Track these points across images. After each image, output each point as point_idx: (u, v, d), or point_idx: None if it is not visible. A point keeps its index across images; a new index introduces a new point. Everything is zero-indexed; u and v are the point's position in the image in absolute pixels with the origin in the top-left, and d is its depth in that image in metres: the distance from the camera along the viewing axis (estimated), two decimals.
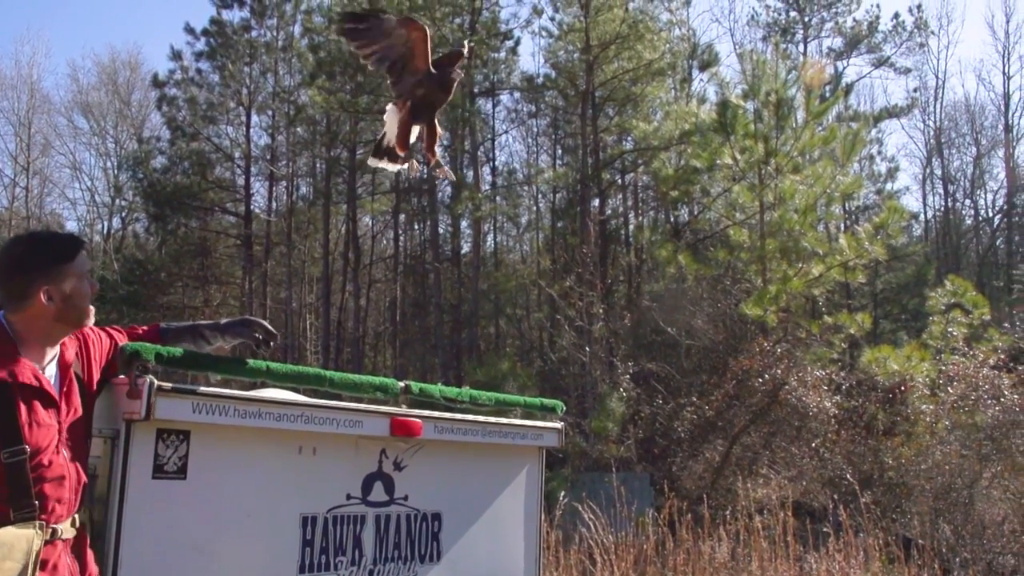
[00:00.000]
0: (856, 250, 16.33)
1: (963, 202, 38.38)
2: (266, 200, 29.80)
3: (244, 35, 27.54)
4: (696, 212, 21.70)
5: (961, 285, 17.37)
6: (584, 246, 18.23)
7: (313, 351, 29.33)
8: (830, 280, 16.94)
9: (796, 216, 16.02)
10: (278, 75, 28.10)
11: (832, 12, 33.71)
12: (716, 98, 17.99)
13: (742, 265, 17.02)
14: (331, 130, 26.38)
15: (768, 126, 16.28)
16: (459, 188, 22.04)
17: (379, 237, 32.50)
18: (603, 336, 16.96)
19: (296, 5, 27.62)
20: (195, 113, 27.61)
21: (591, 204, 22.08)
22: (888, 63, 34.14)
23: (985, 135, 37.03)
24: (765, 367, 14.11)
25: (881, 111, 32.55)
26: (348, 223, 27.87)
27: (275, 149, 28.85)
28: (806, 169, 16.77)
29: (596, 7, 20.55)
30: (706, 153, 16.70)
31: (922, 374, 14.58)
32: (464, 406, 3.83)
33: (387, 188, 29.57)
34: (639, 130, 20.73)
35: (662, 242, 18.28)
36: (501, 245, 31.12)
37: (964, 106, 37.07)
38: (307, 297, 30.19)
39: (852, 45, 33.05)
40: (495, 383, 15.55)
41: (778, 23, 33.46)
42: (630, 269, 23.92)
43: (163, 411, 2.69)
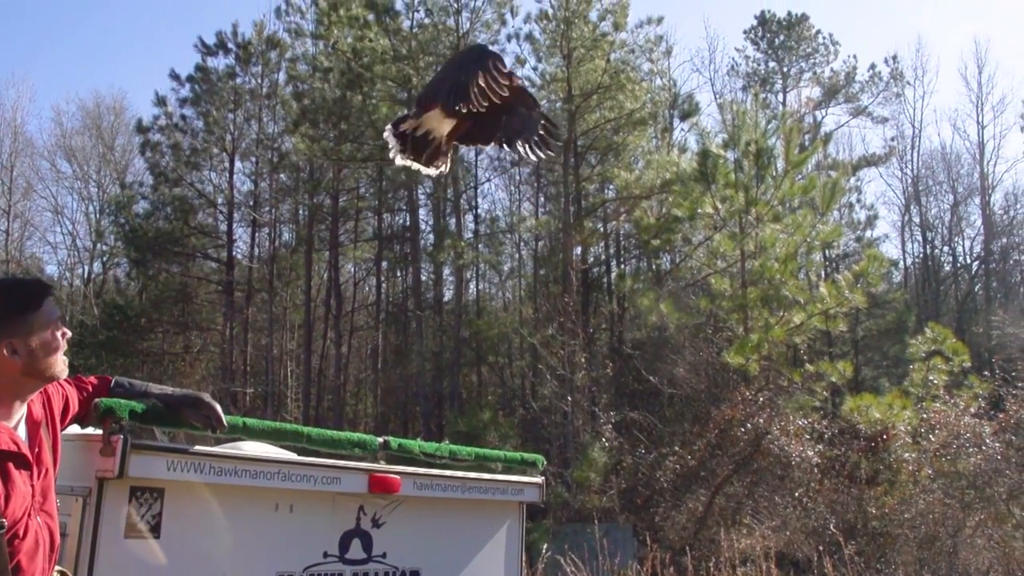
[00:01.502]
0: (837, 298, 16.42)
1: (941, 249, 38.75)
2: (248, 246, 29.76)
3: (229, 82, 27.66)
4: (678, 260, 21.82)
5: (941, 332, 17.50)
6: (566, 295, 18.25)
7: (294, 398, 29.08)
8: (811, 328, 17.01)
9: (777, 265, 16.13)
10: (262, 122, 28.21)
11: (810, 63, 34.38)
12: (697, 147, 18.20)
13: (723, 313, 17.07)
14: (314, 177, 26.45)
15: (748, 175, 16.44)
16: (441, 236, 22.08)
17: (361, 284, 32.46)
18: (585, 385, 16.92)
19: (281, 53, 27.80)
20: (178, 159, 27.59)
21: (573, 252, 22.14)
22: (866, 112, 34.75)
23: (961, 183, 37.54)
24: (747, 416, 14.10)
25: (859, 159, 32.99)
26: (330, 270, 27.82)
27: (258, 195, 28.84)
28: (786, 218, 16.92)
29: (578, 58, 20.81)
30: (687, 202, 16.83)
31: (904, 422, 14.61)
32: (444, 461, 3.79)
33: (369, 235, 29.57)
34: (621, 179, 20.89)
35: (644, 291, 18.32)
36: (483, 292, 31.16)
37: (940, 154, 37.63)
38: (288, 344, 29.99)
39: (830, 95, 33.60)
40: (476, 433, 15.46)
41: (757, 73, 34.04)
42: (612, 317, 23.92)
43: (137, 469, 2.64)
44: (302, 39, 27.02)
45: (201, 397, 2.95)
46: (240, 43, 27.64)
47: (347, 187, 27.81)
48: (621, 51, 21.83)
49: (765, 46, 34.41)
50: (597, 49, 21.05)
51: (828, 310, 16.51)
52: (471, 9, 22.14)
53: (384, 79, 22.54)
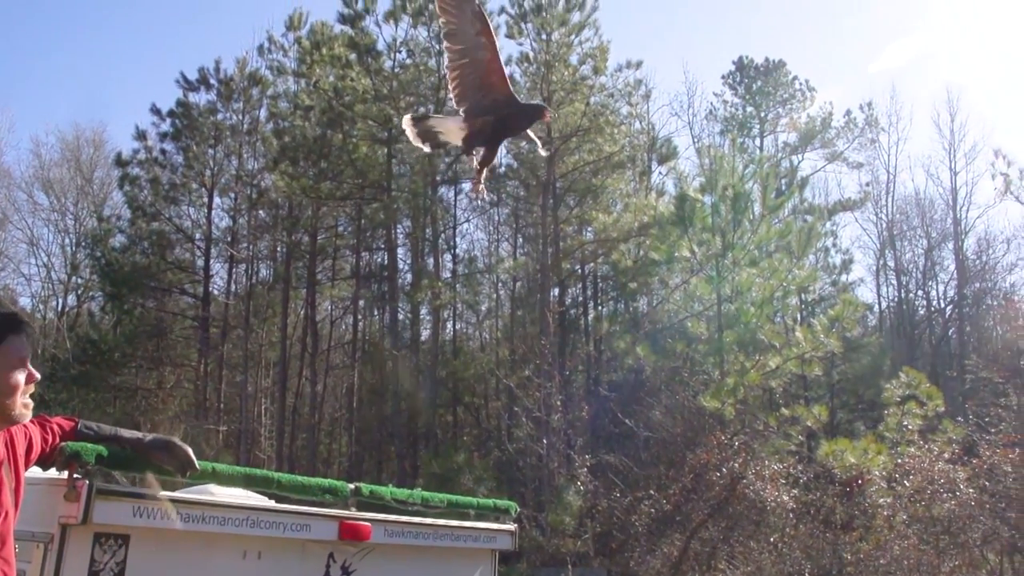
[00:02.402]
0: (812, 343, 16.51)
1: (916, 293, 39.11)
2: (225, 282, 29.61)
3: (210, 118, 27.68)
4: (655, 303, 21.88)
5: (915, 377, 17.62)
6: (543, 337, 18.23)
7: (268, 436, 28.78)
8: (787, 372, 17.07)
9: (753, 309, 16.22)
10: (242, 158, 28.20)
11: (787, 108, 34.85)
12: (675, 191, 18.33)
13: (700, 357, 17.10)
14: (293, 214, 26.41)
15: (725, 219, 16.57)
16: (419, 275, 22.07)
17: (338, 323, 32.29)
18: (561, 427, 16.85)
19: (263, 90, 27.88)
20: (157, 193, 27.50)
21: (550, 294, 22.17)
22: (841, 158, 35.18)
23: (935, 228, 37.96)
24: (723, 460, 14.07)
25: (835, 204, 33.32)
26: (307, 308, 27.71)
27: (236, 231, 28.76)
28: (763, 262, 17.03)
29: (558, 100, 20.99)
30: (664, 246, 16.93)
31: (879, 467, 14.65)
32: (416, 508, 3.75)
33: (347, 274, 29.49)
34: (599, 221, 20.99)
35: (620, 333, 18.36)
36: (460, 332, 31.06)
37: (914, 200, 38.07)
38: (263, 381, 29.73)
39: (806, 140, 34.02)
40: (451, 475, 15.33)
41: (735, 118, 34.46)
42: (589, 359, 23.92)
43: (101, 515, 2.60)
44: (284, 77, 27.20)
45: (172, 440, 2.90)
46: (222, 79, 27.72)
47: (326, 225, 27.77)
48: (600, 95, 22.07)
49: (743, 91, 34.88)
50: (577, 92, 21.26)
51: (804, 354, 16.60)
52: None
53: (365, 118, 22.66)
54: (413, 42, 22.77)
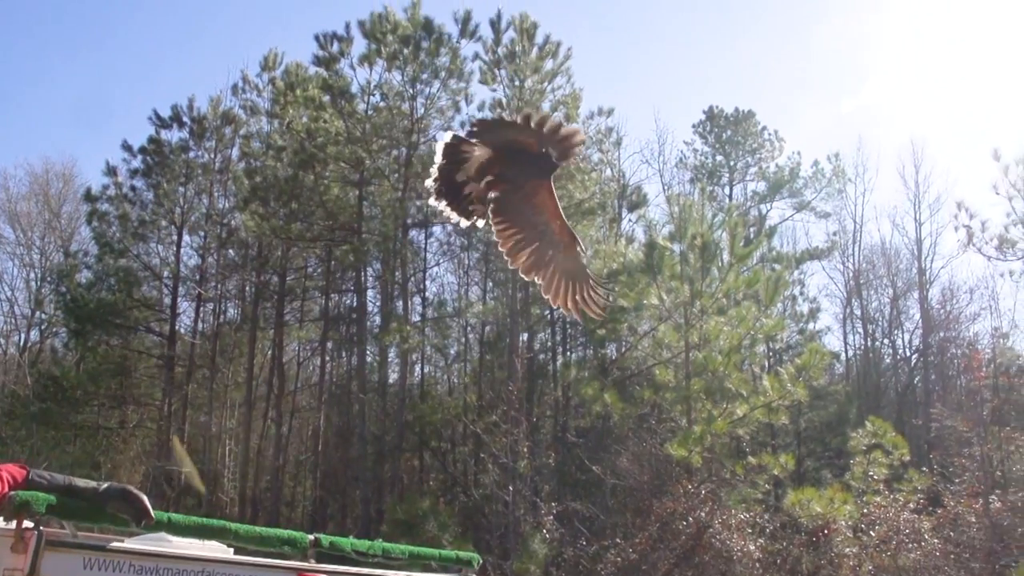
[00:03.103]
0: (779, 391, 16.58)
1: (882, 341, 39.47)
2: (192, 321, 29.28)
3: (181, 155, 27.52)
4: (623, 350, 21.89)
5: (881, 426, 17.76)
6: (511, 383, 18.16)
7: (231, 478, 28.35)
8: (754, 420, 17.10)
9: (720, 357, 16.27)
10: (212, 196, 28.04)
11: (756, 157, 35.34)
12: (644, 238, 18.46)
13: (667, 404, 17.11)
14: (262, 255, 26.27)
15: (694, 268, 16.68)
16: (388, 319, 21.95)
17: (305, 364, 32.03)
18: (528, 474, 16.74)
19: (235, 129, 27.83)
20: (126, 230, 27.21)
21: (519, 339, 22.13)
22: (809, 207, 35.63)
23: (901, 277, 38.43)
24: (689, 509, 14.05)
25: (803, 253, 33.67)
26: (274, 349, 27.45)
27: (204, 270, 28.49)
28: (731, 310, 17.13)
29: None
30: (633, 293, 16.99)
31: (845, 516, 14.68)
32: (376, 560, 3.69)
33: (316, 315, 29.31)
34: None
35: (588, 380, 18.33)
36: (429, 376, 30.87)
37: (880, 249, 38.51)
38: (228, 422, 29.34)
39: (775, 189, 34.45)
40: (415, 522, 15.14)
41: (705, 166, 34.87)
42: (557, 405, 23.83)
43: (50, 567, 2.52)
44: (257, 117, 27.18)
45: (128, 489, 2.83)
46: (195, 117, 27.61)
47: (295, 266, 27.64)
48: None
49: (713, 140, 35.34)
50: None
51: (771, 403, 16.64)
52: (426, 95, 22.47)
53: (337, 160, 22.68)
54: (387, 86, 22.85)
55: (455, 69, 22.13)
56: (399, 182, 22.72)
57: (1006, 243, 19.25)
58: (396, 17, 22.25)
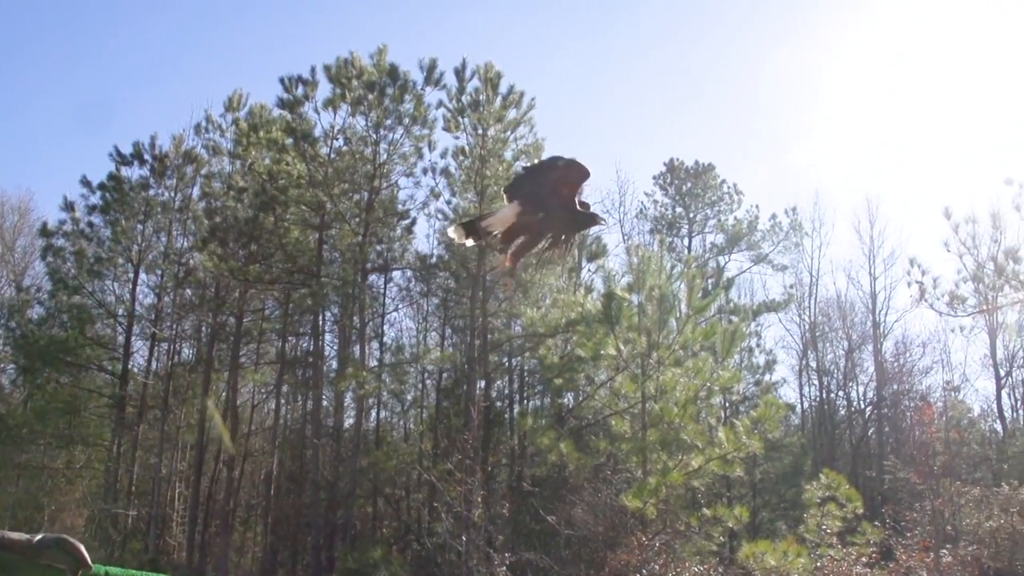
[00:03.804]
0: (734, 443, 16.62)
1: (837, 393, 39.91)
2: (145, 361, 28.87)
3: (141, 193, 27.28)
4: (580, 400, 21.89)
5: (835, 479, 17.90)
6: (467, 431, 18.07)
7: (179, 522, 27.80)
8: (710, 472, 17.12)
9: (676, 409, 16.31)
10: (171, 235, 27.79)
11: (715, 210, 35.85)
12: (603, 289, 18.52)
13: (623, 455, 17.10)
14: (219, 295, 26.00)
15: (652, 319, 16.77)
16: (345, 363, 21.79)
17: (259, 407, 31.62)
18: (482, 523, 16.58)
19: (197, 168, 27.66)
20: (81, 266, 26.83)
21: (476, 386, 22.06)
22: (766, 260, 36.16)
23: (855, 330, 38.97)
24: (644, 561, 13.98)
25: (759, 305, 34.05)
26: (228, 391, 27.08)
27: (160, 309, 28.12)
28: (687, 362, 17.22)
29: (491, 195, 21.25)
30: (591, 343, 17.03)
31: (799, 569, 14.70)
32: None
33: (272, 358, 29.03)
34: (527, 317, 21.08)
35: (544, 429, 18.29)
36: (384, 422, 30.65)
37: (836, 302, 39.12)
38: (178, 464, 28.83)
39: (733, 242, 34.96)
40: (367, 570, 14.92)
41: (665, 217, 35.31)
42: (513, 454, 23.75)
43: None
44: (219, 157, 27.06)
45: (63, 538, 2.76)
46: (157, 155, 27.42)
47: (252, 308, 27.38)
48: None
49: (673, 192, 35.85)
50: None
51: (726, 455, 16.68)
52: (389, 141, 22.58)
53: (298, 203, 22.64)
54: (350, 130, 22.93)
55: (419, 116, 22.28)
56: (360, 227, 22.70)
57: (957, 299, 19.54)
58: (362, 63, 22.39)
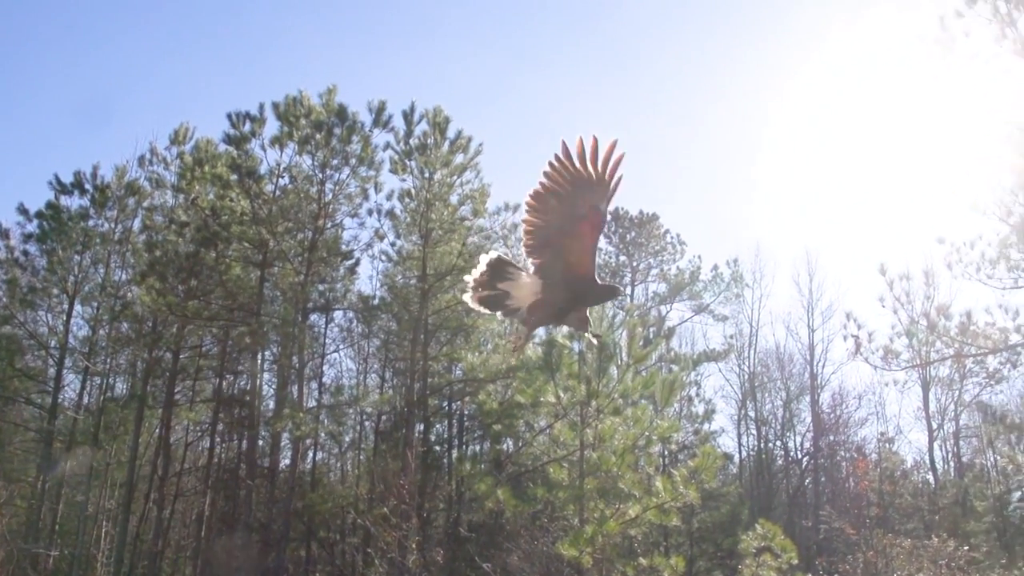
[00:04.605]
0: (672, 493, 16.64)
1: (774, 443, 40.42)
2: (76, 395, 28.15)
3: (80, 223, 26.78)
4: (519, 446, 21.85)
5: (771, 529, 17.99)
6: (404, 475, 17.90)
7: (104, 562, 26.98)
8: (646, 521, 17.13)
9: (615, 457, 16.32)
10: (109, 267, 27.29)
11: (658, 259, 36.36)
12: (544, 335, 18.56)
13: (560, 503, 17.04)
14: (156, 331, 25.50)
15: (592, 367, 16.80)
16: (282, 404, 21.49)
17: (193, 445, 30.93)
18: (417, 569, 16.39)
19: (139, 201, 27.29)
20: (13, 296, 26.16)
21: (415, 430, 21.90)
22: (707, 310, 36.65)
23: (794, 381, 39.62)
24: None
25: (700, 355, 34.39)
26: (162, 428, 26.47)
27: (94, 343, 27.50)
28: (627, 410, 17.27)
29: (436, 239, 21.29)
30: (530, 389, 17.00)
31: None
32: None
33: (207, 396, 28.50)
34: (467, 361, 21.04)
35: (482, 475, 18.18)
36: (321, 463, 30.23)
37: (775, 353, 39.77)
38: (106, 503, 28.04)
39: (675, 291, 35.41)
40: None
41: (609, 265, 35.65)
42: (450, 498, 23.56)
43: None
44: (163, 190, 26.69)
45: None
46: (98, 185, 26.98)
47: (190, 344, 26.90)
48: (478, 235, 22.46)
49: (617, 240, 36.29)
50: (454, 232, 21.63)
51: (663, 504, 16.70)
52: (335, 181, 22.50)
53: (240, 240, 22.40)
54: (296, 169, 22.81)
55: (366, 157, 22.25)
56: (302, 266, 22.53)
57: (891, 354, 19.99)
58: (311, 102, 22.35)
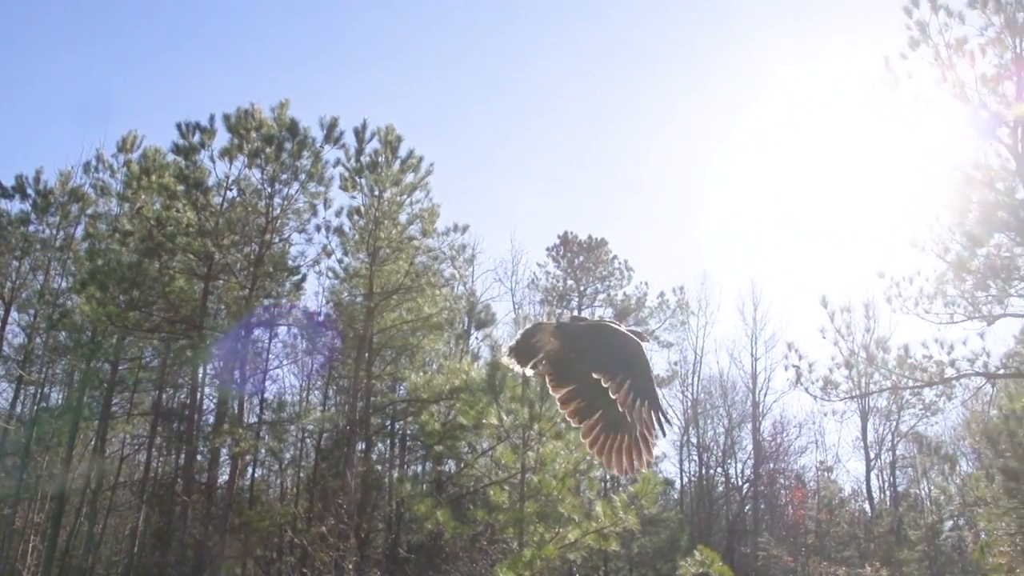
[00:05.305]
0: (611, 518, 16.73)
1: (716, 470, 40.82)
2: (9, 404, 27.47)
3: (20, 228, 26.24)
4: (461, 467, 21.80)
5: (709, 555, 18.17)
6: (344, 493, 17.75)
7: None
8: (585, 546, 17.18)
9: (555, 481, 16.37)
10: (49, 274, 26.76)
11: (605, 284, 36.64)
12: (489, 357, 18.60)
13: (500, 526, 17.04)
14: (95, 341, 25.01)
15: (535, 391, 16.86)
16: (222, 419, 21.19)
17: (130, 459, 30.33)
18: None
19: (83, 208, 26.82)
20: None
21: (356, 449, 21.72)
22: (653, 336, 36.94)
23: (736, 409, 40.12)
24: None
25: None
26: (97, 441, 25.92)
27: (30, 351, 26.91)
28: (569, 434, 17.34)
29: (383, 257, 21.21)
30: (473, 411, 17.01)
31: None
32: None
33: (146, 409, 28.00)
34: (411, 381, 20.98)
35: (423, 496, 18.10)
36: (260, 480, 29.83)
37: (718, 381, 40.27)
38: (35, 516, 27.32)
39: (621, 317, 35.64)
40: None
41: (556, 289, 35.87)
42: (390, 519, 23.39)
43: None
44: (108, 198, 26.31)
45: None
46: (41, 190, 26.50)
47: (129, 356, 26.42)
48: (426, 255, 22.44)
49: (565, 264, 36.53)
50: (402, 251, 21.59)
51: (603, 529, 16.77)
52: (284, 195, 22.32)
53: (185, 252, 22.09)
54: (245, 182, 22.57)
55: (316, 173, 22.12)
56: (247, 280, 22.29)
57: (830, 384, 20.40)
58: (262, 115, 22.20)
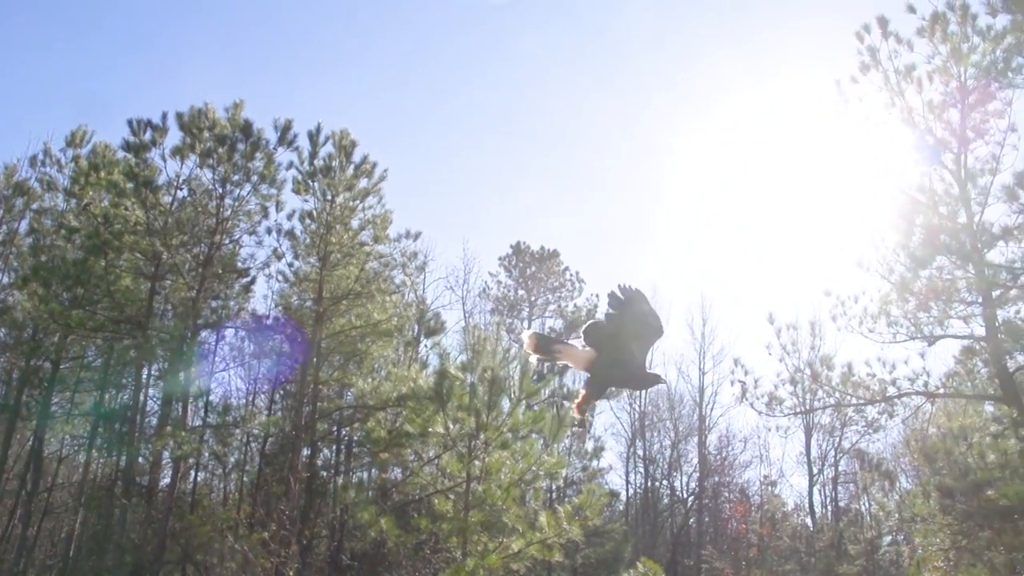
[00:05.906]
0: (555, 529, 16.80)
1: (661, 482, 41.16)
2: None
3: None
4: (406, 475, 21.72)
5: (652, 567, 18.35)
6: (287, 499, 17.59)
7: None
8: (529, 557, 17.21)
9: (500, 491, 16.39)
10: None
11: (556, 295, 36.87)
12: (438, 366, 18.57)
13: (444, 535, 17.02)
14: (36, 338, 24.49)
15: (482, 400, 16.88)
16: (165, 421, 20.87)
17: (68, 460, 29.73)
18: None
19: (28, 202, 26.29)
20: None
21: (300, 454, 21.53)
22: None
23: (682, 422, 40.50)
24: None
25: None
26: (35, 441, 25.35)
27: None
28: (515, 444, 17.38)
29: (334, 262, 21.09)
30: (420, 419, 16.99)
31: None
32: None
33: (87, 410, 27.47)
34: (358, 388, 20.88)
35: (367, 503, 18.01)
36: (203, 484, 29.41)
37: (666, 394, 40.59)
38: None
39: (572, 328, 35.87)
40: None
41: (507, 298, 35.99)
42: (333, 526, 23.22)
43: None
44: (54, 193, 25.80)
45: None
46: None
47: (72, 355, 25.90)
48: (377, 261, 22.37)
49: (517, 274, 36.68)
50: (353, 257, 21.50)
51: (547, 539, 16.82)
52: (235, 196, 22.09)
53: (132, 250, 21.76)
54: (196, 182, 22.31)
55: (268, 175, 21.91)
56: (195, 281, 22.00)
57: (775, 400, 20.67)
58: (216, 115, 21.93)
